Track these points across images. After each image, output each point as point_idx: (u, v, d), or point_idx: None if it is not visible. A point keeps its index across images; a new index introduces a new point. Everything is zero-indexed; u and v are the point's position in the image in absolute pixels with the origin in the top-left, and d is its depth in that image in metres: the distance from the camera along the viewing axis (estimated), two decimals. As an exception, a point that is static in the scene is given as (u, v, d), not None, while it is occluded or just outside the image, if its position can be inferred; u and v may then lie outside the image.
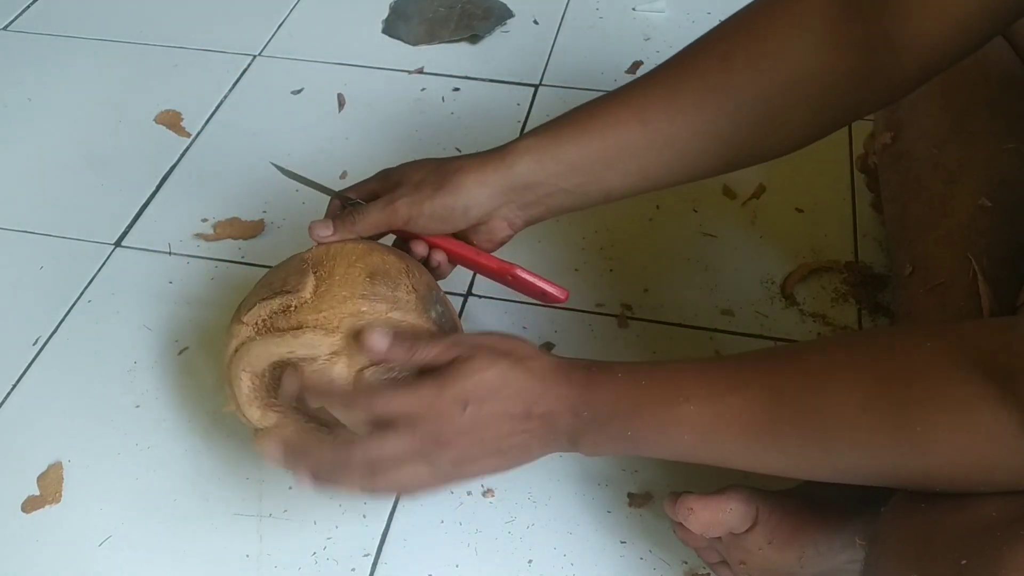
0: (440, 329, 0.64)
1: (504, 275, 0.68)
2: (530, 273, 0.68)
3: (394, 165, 0.68)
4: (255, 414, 0.64)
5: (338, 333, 0.60)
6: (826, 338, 0.82)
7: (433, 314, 0.64)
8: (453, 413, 0.56)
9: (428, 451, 0.57)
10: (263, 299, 0.63)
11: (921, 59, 0.56)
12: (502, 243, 0.68)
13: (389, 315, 0.62)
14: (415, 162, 0.67)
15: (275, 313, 0.63)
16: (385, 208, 0.65)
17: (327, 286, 0.63)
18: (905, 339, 0.51)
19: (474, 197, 0.64)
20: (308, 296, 0.62)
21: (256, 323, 0.63)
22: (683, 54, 0.63)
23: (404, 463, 0.57)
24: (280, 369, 0.62)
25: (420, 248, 0.67)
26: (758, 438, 0.52)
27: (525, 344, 0.60)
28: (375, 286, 0.63)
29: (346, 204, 0.68)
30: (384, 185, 0.67)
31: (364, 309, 0.61)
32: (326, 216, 0.69)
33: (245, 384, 0.63)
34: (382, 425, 0.57)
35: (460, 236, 0.68)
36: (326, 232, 0.66)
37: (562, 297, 0.68)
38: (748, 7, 0.62)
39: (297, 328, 0.61)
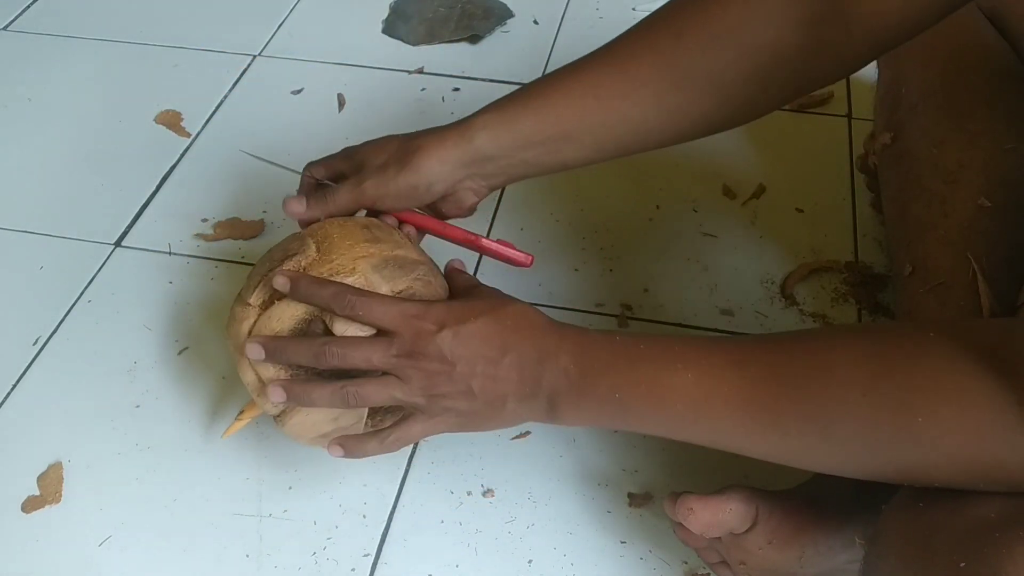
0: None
1: (470, 244, 0.71)
2: (494, 242, 0.71)
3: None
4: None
5: (357, 273, 0.62)
6: (830, 326, 0.82)
7: (427, 256, 0.68)
8: (428, 331, 0.58)
9: (401, 367, 0.59)
10: (266, 272, 0.64)
11: (872, 35, 0.57)
12: (471, 209, 0.70)
13: (395, 252, 0.64)
14: (378, 141, 0.69)
15: None
16: (354, 190, 0.67)
17: (329, 243, 0.64)
18: (910, 330, 0.51)
19: (436, 174, 0.66)
20: (314, 254, 0.64)
21: (264, 301, 0.64)
22: (637, 28, 0.64)
23: (376, 381, 0.59)
24: (299, 335, 0.63)
25: (390, 221, 0.70)
26: (755, 416, 0.51)
27: (523, 303, 0.61)
28: (373, 232, 0.65)
29: (319, 183, 0.70)
30: (349, 164, 0.69)
31: (372, 251, 0.64)
32: (299, 192, 0.71)
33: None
34: None
35: (430, 206, 0.70)
36: (299, 208, 0.68)
37: (527, 262, 0.71)
38: None
39: None
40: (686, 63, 0.61)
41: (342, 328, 0.61)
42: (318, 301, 0.61)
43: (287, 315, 0.62)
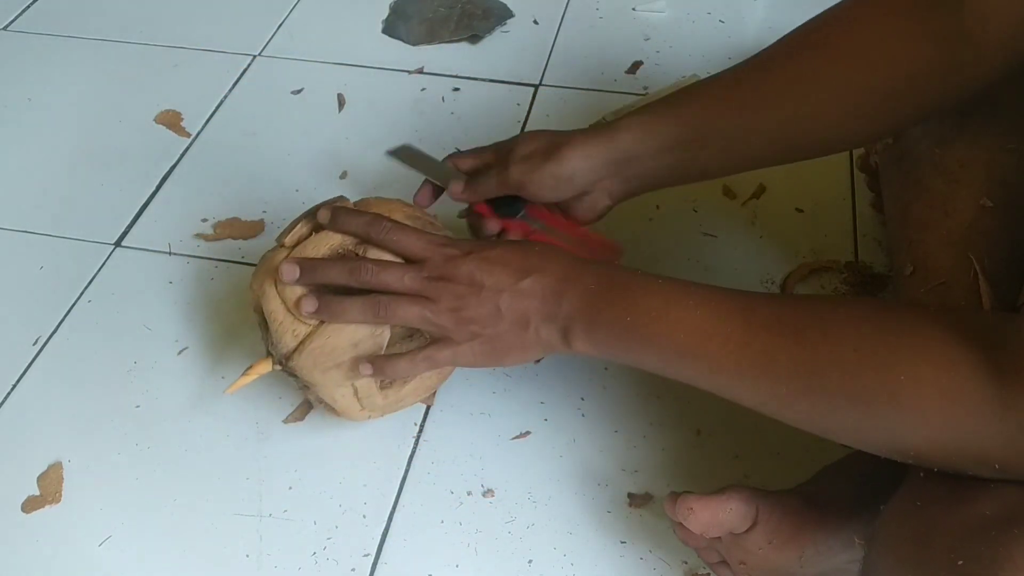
0: None
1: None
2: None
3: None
4: (299, 327, 0.66)
5: (394, 217, 0.67)
6: (838, 295, 0.85)
7: None
8: (457, 256, 0.63)
9: (431, 288, 0.63)
10: (303, 216, 0.68)
11: (1002, 54, 0.57)
12: (600, 215, 0.74)
13: (426, 217, 0.70)
14: (528, 134, 0.73)
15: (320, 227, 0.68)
16: (501, 174, 0.71)
17: (365, 203, 0.70)
18: (910, 307, 0.56)
19: (579, 167, 0.69)
20: (350, 204, 0.69)
21: (298, 240, 0.68)
22: (776, 43, 0.66)
23: (407, 298, 0.63)
24: None
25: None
26: (751, 358, 0.54)
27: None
28: (407, 204, 0.72)
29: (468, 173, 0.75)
30: (498, 154, 0.73)
31: (406, 210, 0.69)
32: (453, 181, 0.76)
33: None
34: None
35: (562, 207, 0.74)
36: (458, 189, 0.74)
37: None
38: (834, 5, 0.65)
39: None
40: (824, 72, 0.63)
41: (378, 253, 0.65)
42: (355, 228, 0.65)
43: (323, 245, 0.66)
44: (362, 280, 0.64)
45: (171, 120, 1.07)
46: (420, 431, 0.78)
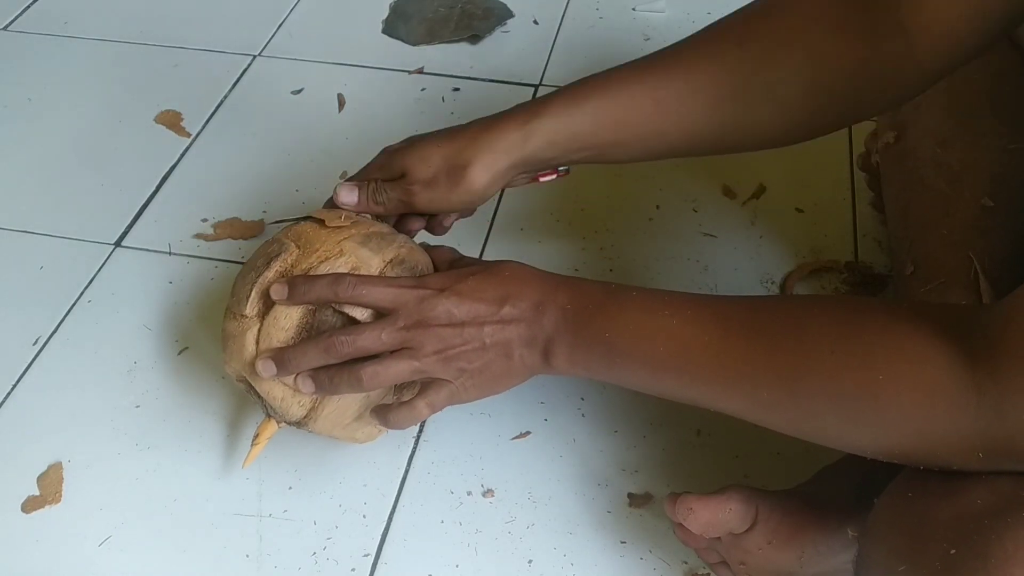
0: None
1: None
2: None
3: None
4: (304, 397, 0.64)
5: (346, 253, 0.63)
6: (814, 294, 0.84)
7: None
8: (430, 296, 0.60)
9: (411, 338, 0.60)
10: (256, 280, 0.63)
11: (936, 51, 0.56)
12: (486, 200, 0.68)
13: (372, 229, 0.66)
14: (416, 150, 0.66)
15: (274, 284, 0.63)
16: (404, 196, 0.66)
17: (307, 238, 0.65)
18: (884, 303, 0.55)
19: (489, 185, 0.65)
20: (296, 250, 0.64)
21: (259, 309, 0.64)
22: (701, 34, 0.65)
23: (391, 357, 0.60)
24: (308, 329, 0.63)
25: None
26: (730, 366, 0.54)
27: (514, 260, 0.64)
28: (347, 221, 0.66)
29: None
30: (388, 171, 0.67)
31: (352, 231, 0.65)
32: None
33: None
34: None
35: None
36: (351, 198, 0.67)
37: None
38: None
39: (307, 272, 0.63)
40: (746, 71, 0.61)
41: (350, 308, 0.62)
42: (318, 295, 0.61)
43: (293, 312, 0.62)
44: (340, 355, 0.60)
45: (171, 120, 1.07)
46: (420, 431, 0.78)
